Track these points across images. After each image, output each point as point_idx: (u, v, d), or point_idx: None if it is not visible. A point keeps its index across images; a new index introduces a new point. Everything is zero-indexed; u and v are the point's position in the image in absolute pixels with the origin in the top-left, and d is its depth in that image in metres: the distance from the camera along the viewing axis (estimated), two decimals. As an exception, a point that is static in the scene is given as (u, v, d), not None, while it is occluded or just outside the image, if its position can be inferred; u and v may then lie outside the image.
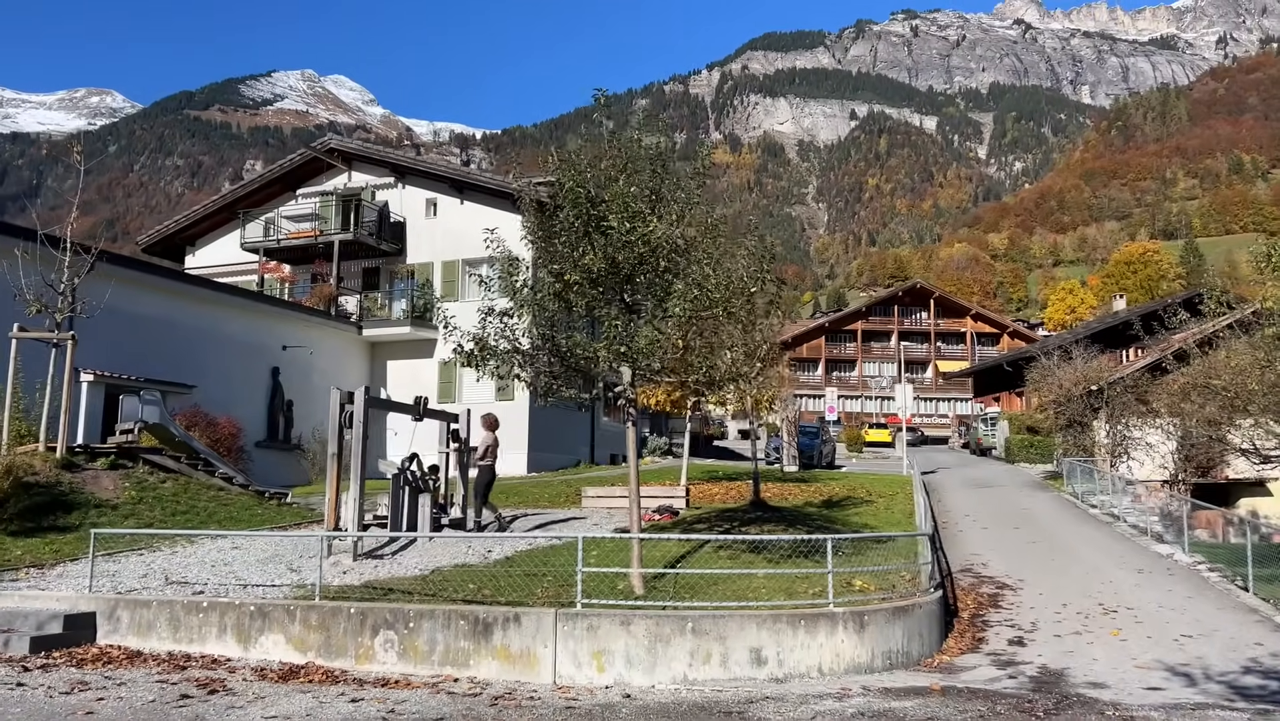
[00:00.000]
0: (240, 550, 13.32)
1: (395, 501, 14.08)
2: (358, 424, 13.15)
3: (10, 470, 13.51)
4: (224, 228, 32.26)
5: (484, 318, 10.94)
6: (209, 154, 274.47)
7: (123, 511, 14.71)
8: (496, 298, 11.67)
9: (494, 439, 14.71)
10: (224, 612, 9.40)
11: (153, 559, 12.75)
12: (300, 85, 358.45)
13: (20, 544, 12.87)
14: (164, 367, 21.34)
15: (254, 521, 15.99)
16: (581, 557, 9.15)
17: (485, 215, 29.50)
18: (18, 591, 10.24)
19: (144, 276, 22.03)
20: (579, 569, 9.11)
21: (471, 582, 10.68)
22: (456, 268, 29.72)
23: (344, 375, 28.72)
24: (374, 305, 30.09)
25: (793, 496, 20.46)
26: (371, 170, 31.01)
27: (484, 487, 14.53)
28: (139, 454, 16.83)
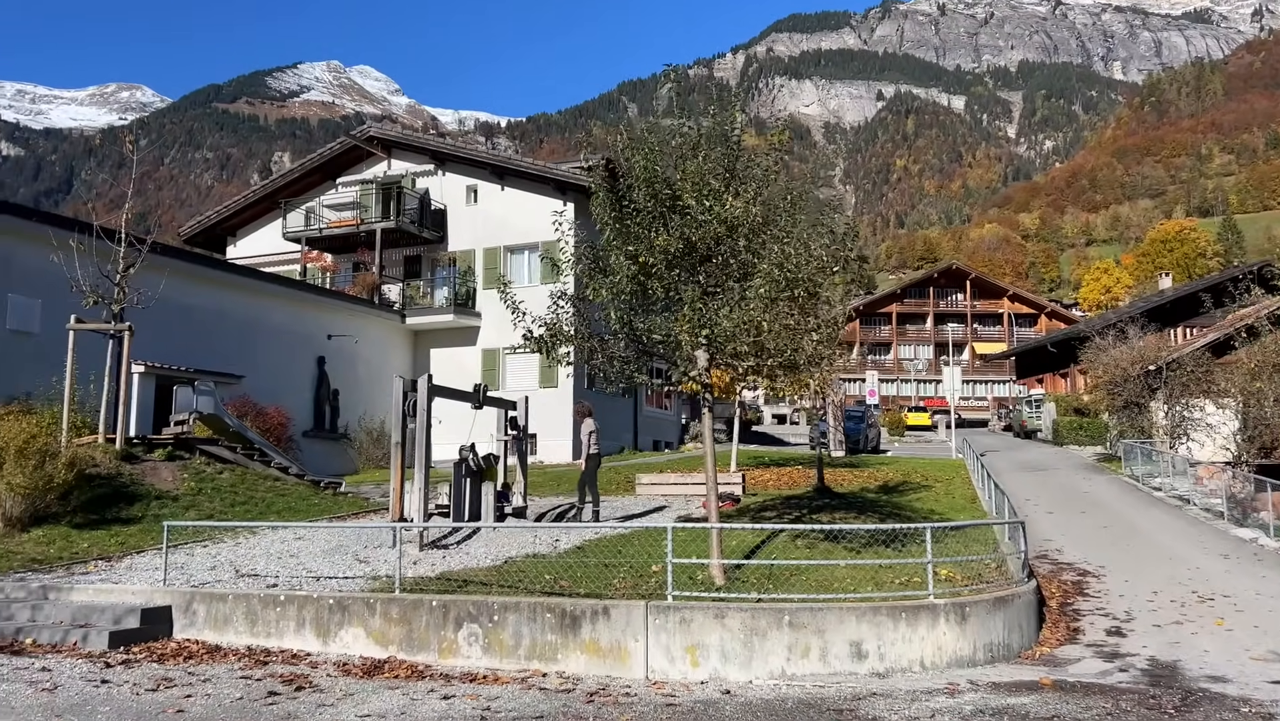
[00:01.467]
0: (304, 540, 13.16)
1: (457, 490, 13.86)
2: (421, 412, 12.90)
3: (73, 463, 13.42)
4: (265, 217, 32.21)
5: (555, 302, 10.63)
6: (237, 146, 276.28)
7: (183, 502, 14.61)
8: (566, 280, 11.36)
9: (595, 426, 14.50)
10: (302, 606, 9.19)
11: (218, 550, 12.61)
12: (326, 76, 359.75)
13: (86, 536, 12.77)
14: (212, 358, 21.27)
15: (312, 511, 15.85)
16: (671, 549, 8.83)
17: (527, 201, 29.29)
18: (91, 585, 10.10)
19: (192, 267, 21.96)
20: (668, 560, 8.80)
21: (547, 573, 10.41)
22: (498, 254, 29.48)
23: (388, 364, 28.63)
24: (416, 293, 29.94)
25: (847, 482, 20.08)
26: (411, 157, 30.80)
27: (592, 476, 14.31)
28: (195, 444, 16.74)
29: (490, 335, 29.31)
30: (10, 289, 18.20)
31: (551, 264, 10.93)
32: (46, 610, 9.44)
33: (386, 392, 28.17)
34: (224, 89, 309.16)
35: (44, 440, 13.17)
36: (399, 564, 9.41)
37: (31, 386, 16.59)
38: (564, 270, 10.83)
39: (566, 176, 28.00)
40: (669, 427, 34.18)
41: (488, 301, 29.43)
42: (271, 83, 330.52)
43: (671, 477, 19.17)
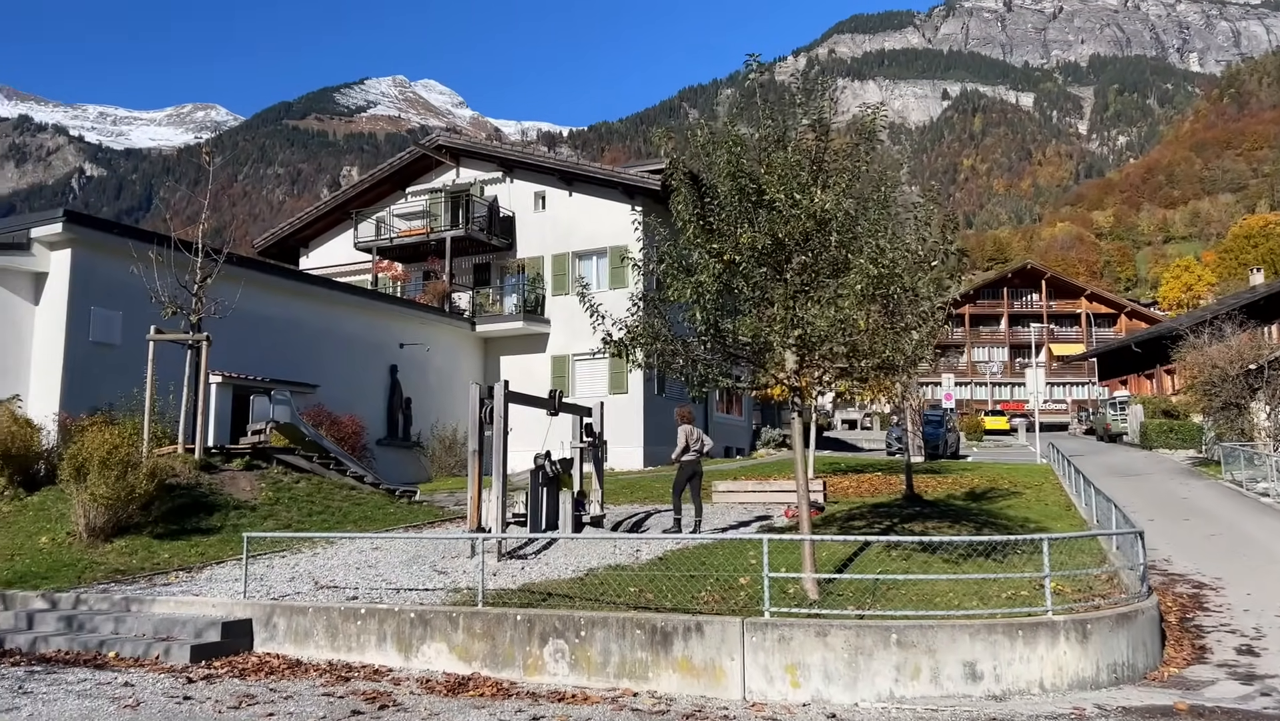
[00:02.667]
0: (381, 551, 12.98)
1: (534, 499, 13.56)
2: (498, 419, 12.64)
3: (154, 473, 13.43)
4: (336, 228, 32.52)
5: (635, 303, 10.24)
6: (307, 162, 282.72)
7: (261, 512, 14.56)
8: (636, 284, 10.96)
9: (695, 432, 14.00)
10: (383, 620, 8.93)
11: (296, 560, 12.48)
12: (392, 91, 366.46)
13: (167, 546, 12.75)
14: (287, 367, 21.38)
15: (387, 520, 15.71)
16: (768, 562, 8.36)
17: (594, 206, 29.07)
18: (172, 597, 9.99)
19: (267, 278, 22.12)
20: (765, 574, 8.32)
21: (631, 585, 10.01)
22: (567, 260, 29.30)
23: (459, 371, 28.64)
24: (486, 301, 29.90)
25: (931, 489, 19.36)
26: (479, 165, 30.81)
27: (686, 483, 13.84)
28: (272, 454, 16.74)
29: (559, 341, 29.13)
30: (93, 302, 18.48)
31: (631, 264, 10.49)
32: (129, 622, 9.34)
33: (458, 400, 28.36)
34: (294, 106, 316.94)
35: (126, 450, 13.20)
36: (482, 576, 9.09)
37: (114, 397, 16.79)
38: (639, 273, 10.40)
39: (635, 180, 27.69)
40: (740, 434, 33.63)
41: (556, 308, 29.28)
42: (339, 99, 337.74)
43: (749, 485, 18.64)
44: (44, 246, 18.42)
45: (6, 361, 17.91)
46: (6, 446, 14.69)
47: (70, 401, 17.50)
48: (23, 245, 18.31)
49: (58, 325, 18.15)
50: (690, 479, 14.15)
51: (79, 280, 18.33)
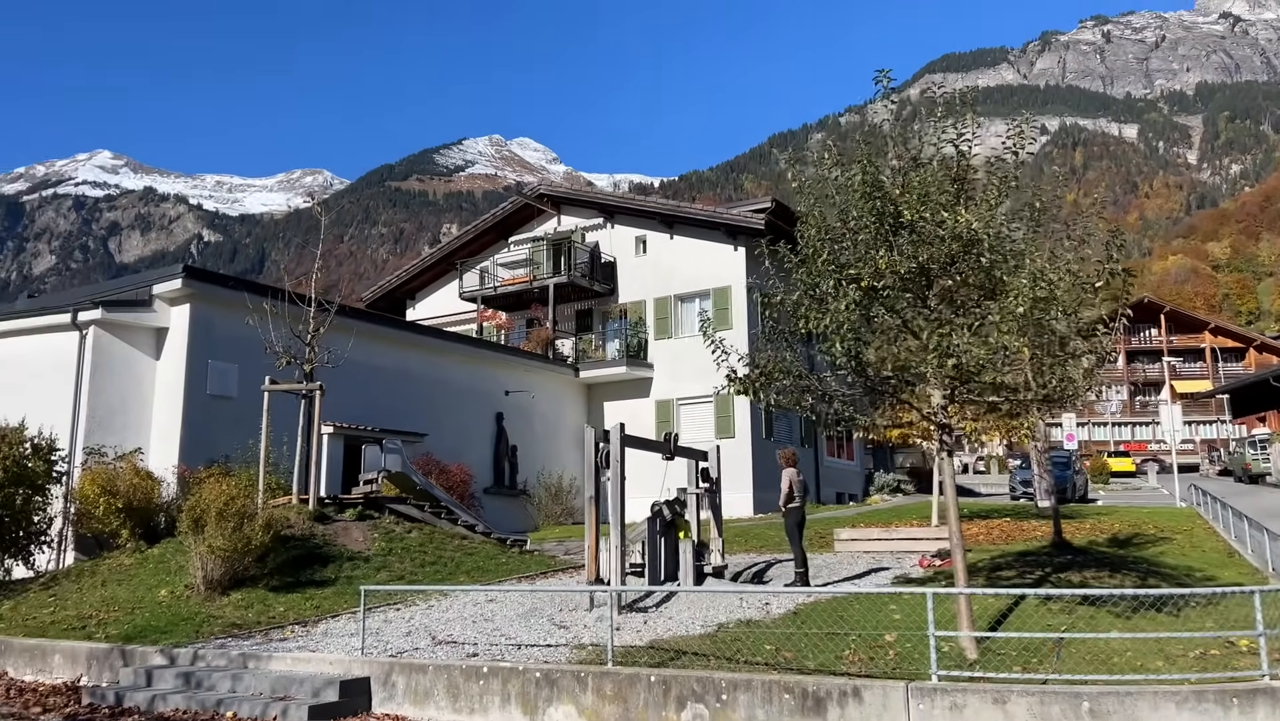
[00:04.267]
0: (496, 603, 12.49)
1: (652, 548, 12.92)
2: (614, 463, 12.09)
3: (269, 524, 13.29)
4: (441, 279, 32.88)
5: (765, 338, 9.60)
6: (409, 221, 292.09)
7: (374, 563, 14.27)
8: (757, 322, 10.31)
9: (799, 477, 13.25)
10: (506, 679, 8.36)
11: (411, 614, 12.08)
12: (489, 150, 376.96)
13: (282, 600, 12.51)
14: (395, 417, 21.34)
15: (500, 571, 15.26)
16: (932, 619, 7.51)
17: (696, 248, 28.63)
18: (289, 654, 9.64)
19: (375, 328, 22.22)
20: (931, 632, 7.47)
21: (767, 643, 9.24)
22: (669, 304, 28.87)
23: (564, 418, 28.33)
24: (589, 346, 29.64)
25: (1071, 535, 17.96)
26: (580, 212, 30.79)
27: (800, 530, 13.05)
28: (384, 503, 16.54)
29: (663, 386, 28.60)
30: (210, 355, 18.76)
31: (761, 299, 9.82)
32: (246, 680, 9.00)
33: (563, 448, 27.99)
34: (396, 168, 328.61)
35: (242, 502, 13.11)
36: (610, 633, 8.46)
37: (230, 449, 16.90)
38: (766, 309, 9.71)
39: (738, 220, 27.17)
40: (852, 479, 32.38)
41: (659, 352, 28.82)
42: (438, 159, 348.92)
43: (873, 532, 17.66)
44: (165, 302, 18.84)
45: (129, 415, 18.25)
46: (129, 499, 14.83)
47: (188, 454, 17.70)
48: (145, 302, 18.77)
49: (177, 378, 18.46)
50: (800, 525, 13.36)
51: (197, 334, 18.65)
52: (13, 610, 13.20)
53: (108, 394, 18.07)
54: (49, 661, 10.98)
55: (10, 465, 14.46)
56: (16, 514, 14.68)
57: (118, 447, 17.11)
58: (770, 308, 9.49)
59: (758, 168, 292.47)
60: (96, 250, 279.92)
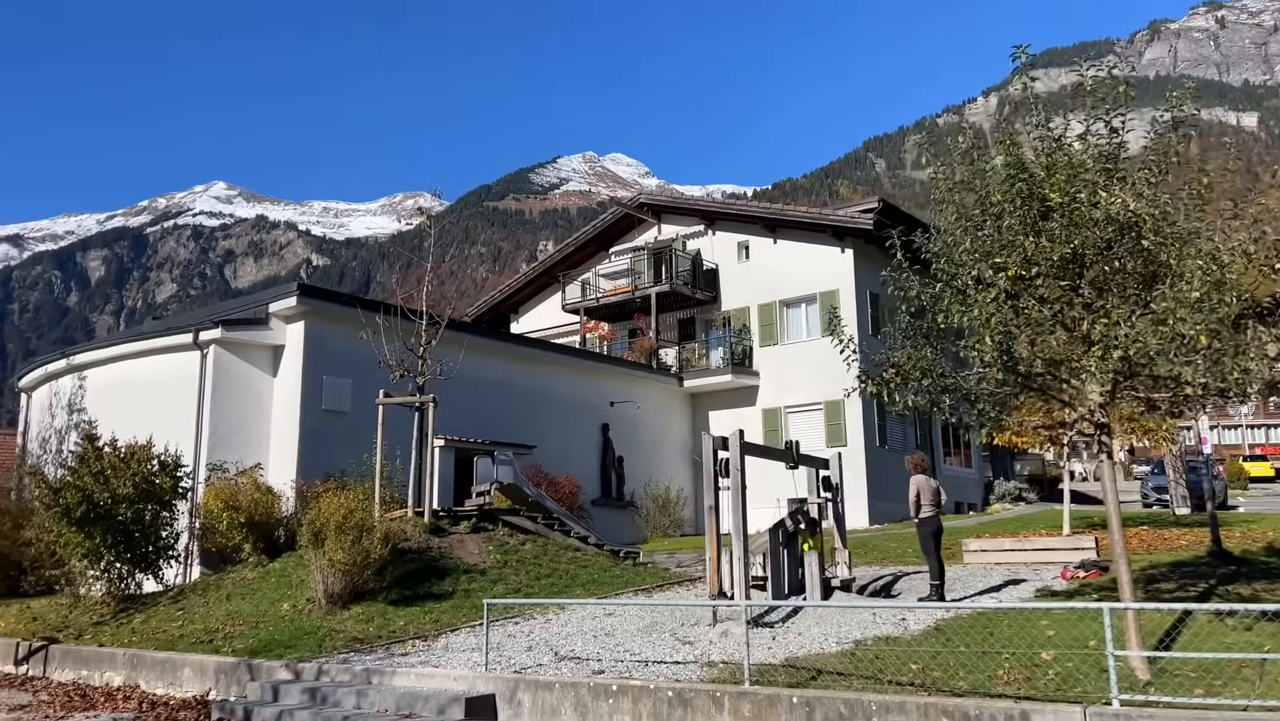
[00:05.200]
0: (615, 617, 12.14)
1: (775, 560, 12.37)
2: (735, 471, 11.61)
3: (387, 537, 13.25)
4: (543, 293, 32.97)
5: (903, 338, 8.99)
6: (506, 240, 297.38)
7: (490, 576, 14.10)
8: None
9: (929, 484, 12.59)
10: (637, 698, 7.96)
11: (530, 627, 11.82)
12: (582, 167, 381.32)
13: (402, 613, 12.42)
14: (503, 429, 21.30)
15: (615, 584, 14.92)
16: (1110, 636, 6.79)
17: (800, 252, 27.93)
18: (412, 670, 9.45)
19: (482, 341, 22.24)
20: (1109, 651, 6.77)
21: (912, 662, 8.61)
22: (773, 310, 28.24)
23: (669, 428, 27.96)
24: (692, 355, 29.22)
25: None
26: (680, 220, 30.44)
27: (935, 541, 12.40)
28: (497, 515, 16.42)
29: (770, 394, 27.96)
30: (324, 371, 19.02)
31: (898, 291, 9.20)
32: (371, 696, 8.83)
33: (669, 458, 27.58)
34: (493, 188, 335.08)
35: (360, 515, 13.09)
36: (746, 651, 7.97)
37: (344, 463, 17.04)
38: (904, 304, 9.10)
39: (845, 221, 26.40)
40: (971, 487, 31.08)
41: (765, 359, 28.20)
42: (534, 178, 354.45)
43: (1004, 543, 16.71)
44: (280, 320, 19.19)
45: (248, 431, 18.62)
46: (251, 513, 15.03)
47: (305, 468, 17.92)
48: (262, 320, 19.16)
49: (293, 394, 18.75)
50: (936, 536, 12.64)
51: (312, 350, 18.93)
52: (144, 623, 13.47)
53: (228, 410, 18.47)
54: (179, 675, 11.08)
55: (139, 481, 14.81)
56: (146, 529, 15.02)
57: (239, 463, 17.45)
58: (907, 301, 8.88)
59: (852, 173, 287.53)
60: (214, 277, 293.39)
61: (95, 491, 14.35)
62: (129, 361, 19.85)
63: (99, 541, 14.48)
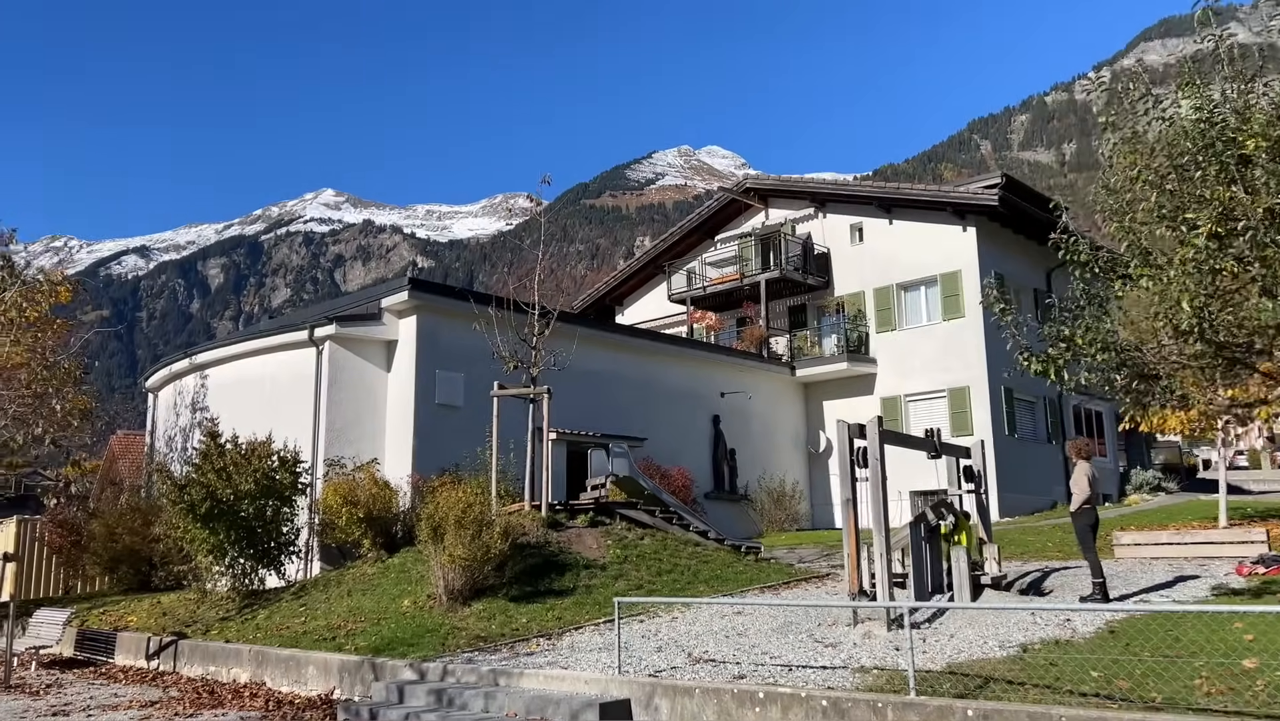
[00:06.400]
0: (745, 616, 11.48)
1: (916, 555, 11.50)
2: (873, 460, 10.81)
3: (507, 532, 12.88)
4: (648, 284, 32.48)
5: (1074, 308, 8.07)
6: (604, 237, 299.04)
7: (611, 572, 13.61)
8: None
9: (1092, 472, 11.57)
10: (787, 707, 7.29)
11: (656, 626, 11.26)
12: (678, 161, 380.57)
13: (524, 610, 12.02)
14: (612, 421, 20.82)
15: (738, 580, 14.25)
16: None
17: (918, 233, 26.68)
18: (540, 671, 8.98)
19: (593, 333, 21.81)
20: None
21: (1092, 670, 7.70)
22: (890, 294, 27.07)
23: (781, 420, 27.13)
24: (804, 343, 28.27)
25: None
26: (789, 204, 29.50)
27: (1090, 536, 11.39)
28: (614, 509, 15.94)
29: (888, 382, 26.83)
30: (437, 365, 18.88)
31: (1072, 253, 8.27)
32: (499, 699, 8.39)
33: (782, 450, 26.71)
34: (590, 186, 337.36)
35: (478, 509, 12.75)
36: (911, 656, 7.21)
37: (458, 458, 16.83)
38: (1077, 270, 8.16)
39: (967, 198, 25.07)
40: (1107, 477, 29.24)
41: (882, 345, 27.08)
42: (630, 174, 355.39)
43: (1160, 536, 15.39)
44: (393, 315, 19.13)
45: (364, 426, 18.61)
46: (369, 509, 14.91)
47: (420, 463, 17.81)
48: (375, 315, 19.14)
49: (407, 389, 18.67)
50: (1094, 529, 11.57)
51: (424, 345, 18.81)
52: (268, 619, 13.45)
53: (343, 406, 18.49)
54: (303, 672, 10.91)
55: (260, 477, 14.84)
56: (267, 525, 15.07)
57: (355, 458, 17.43)
58: (1078, 266, 7.94)
59: (956, 156, 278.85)
60: (324, 281, 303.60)
61: (218, 487, 14.43)
62: (248, 359, 20.11)
63: (223, 537, 14.57)
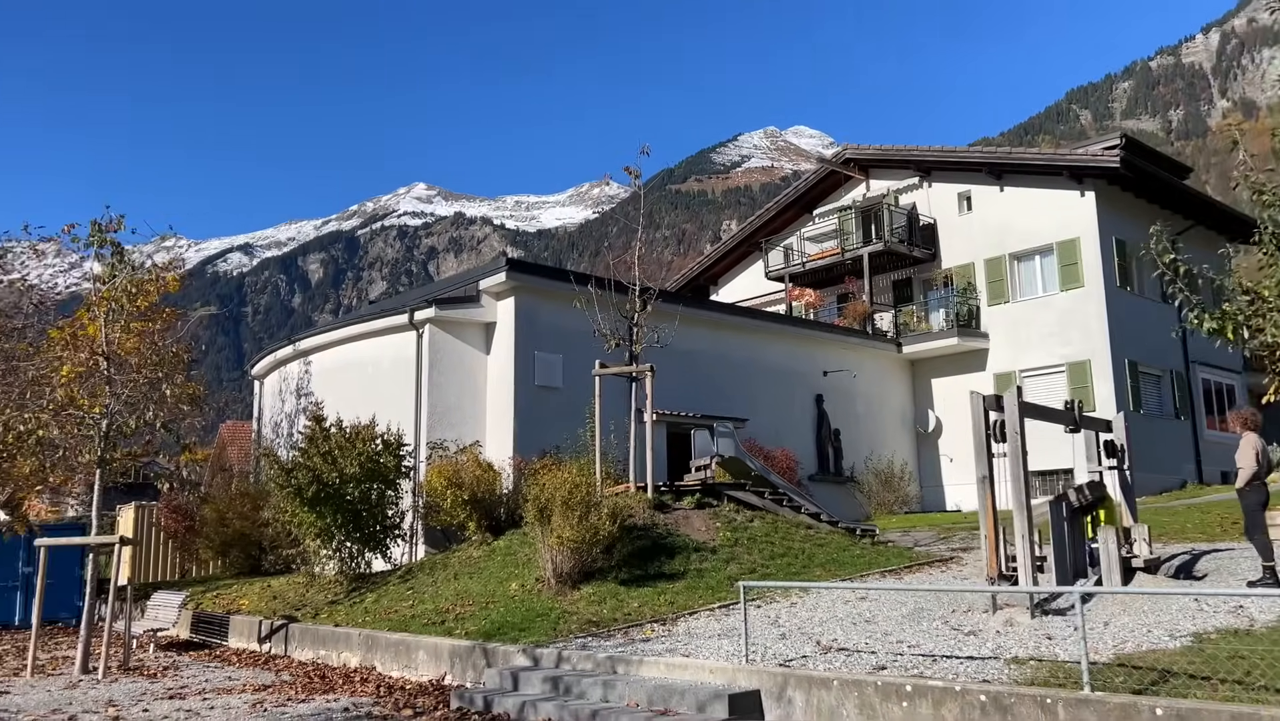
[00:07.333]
0: (869, 602, 10.79)
1: (1058, 537, 10.62)
2: (1012, 434, 9.97)
3: (615, 514, 12.43)
4: (743, 262, 31.70)
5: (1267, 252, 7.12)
6: (690, 222, 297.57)
7: (722, 555, 13.05)
8: None
9: (1260, 444, 10.54)
10: (939, 702, 6.61)
11: (774, 612, 10.66)
12: (764, 143, 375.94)
13: (634, 594, 11.56)
14: (711, 402, 20.22)
15: (856, 564, 13.53)
16: None
17: (1032, 199, 25.29)
18: (660, 659, 8.47)
19: (692, 311, 21.18)
20: None
21: (1283, 662, 6.81)
22: (1003, 264, 25.77)
23: (886, 398, 26.13)
24: (910, 319, 27.14)
25: None
26: (891, 174, 28.34)
27: (1260, 515, 10.40)
28: (721, 490, 15.36)
29: (1001, 357, 25.56)
30: (535, 347, 18.59)
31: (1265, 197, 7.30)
32: (619, 688, 7.92)
33: (888, 430, 25.67)
34: (675, 171, 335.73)
35: (585, 491, 12.32)
36: (1084, 647, 6.43)
37: (558, 439, 16.52)
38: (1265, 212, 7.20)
39: (1086, 161, 23.62)
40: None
41: (995, 318, 25.81)
42: (715, 158, 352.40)
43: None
44: (491, 297, 18.90)
45: (464, 409, 18.44)
46: (474, 491, 14.67)
47: (521, 445, 17.56)
48: (473, 298, 18.94)
49: (506, 371, 18.43)
50: (1264, 506, 10.50)
51: (522, 326, 18.53)
52: (376, 602, 13.30)
53: (444, 389, 18.35)
54: (413, 657, 10.66)
55: (365, 461, 14.73)
56: (373, 508, 14.96)
57: (457, 441, 17.27)
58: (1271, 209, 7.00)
59: (1054, 127, 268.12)
60: (418, 274, 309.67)
61: (324, 471, 14.37)
62: (350, 344, 20.15)
63: (330, 521, 14.51)
